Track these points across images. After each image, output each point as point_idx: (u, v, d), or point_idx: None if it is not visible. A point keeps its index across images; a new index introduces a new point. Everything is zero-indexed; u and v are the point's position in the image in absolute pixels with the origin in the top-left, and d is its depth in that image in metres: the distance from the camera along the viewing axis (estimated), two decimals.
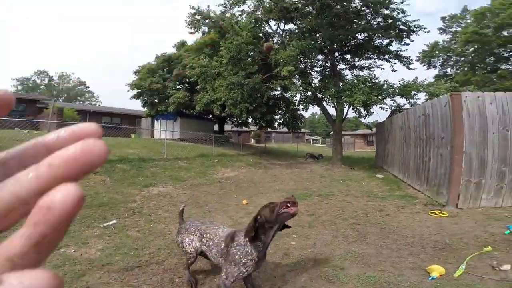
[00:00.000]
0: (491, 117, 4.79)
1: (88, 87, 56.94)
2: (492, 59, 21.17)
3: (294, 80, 13.20)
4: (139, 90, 18.82)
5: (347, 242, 3.53)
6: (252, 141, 39.29)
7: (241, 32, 11.87)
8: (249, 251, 1.90)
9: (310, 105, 13.72)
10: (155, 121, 20.16)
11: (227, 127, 40.68)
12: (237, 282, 2.08)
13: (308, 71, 13.83)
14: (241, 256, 1.90)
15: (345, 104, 11.53)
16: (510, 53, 20.05)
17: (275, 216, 1.87)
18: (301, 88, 12.19)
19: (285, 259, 3.03)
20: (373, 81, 11.36)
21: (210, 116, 23.50)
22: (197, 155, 11.97)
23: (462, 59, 22.76)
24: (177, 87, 19.32)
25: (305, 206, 5.41)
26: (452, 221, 4.15)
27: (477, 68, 21.55)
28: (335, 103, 12.05)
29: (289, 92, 13.10)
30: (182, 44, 20.72)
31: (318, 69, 14.52)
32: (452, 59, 23.63)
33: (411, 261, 2.89)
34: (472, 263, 2.66)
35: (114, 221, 4.19)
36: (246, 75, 13.13)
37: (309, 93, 12.60)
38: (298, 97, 13.43)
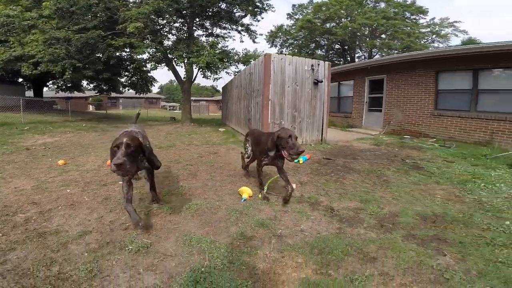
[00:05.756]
0: (288, 75, 6.35)
1: None
2: (313, 45, 28.12)
3: (145, 40, 12.25)
4: None
5: (177, 181, 3.75)
6: (91, 107, 32.56)
7: None
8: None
9: (158, 64, 13.26)
10: None
11: (50, 93, 31.97)
12: None
13: (163, 33, 13.30)
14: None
15: (194, 65, 11.84)
16: (325, 42, 27.20)
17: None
18: (150, 47, 11.74)
19: (107, 204, 2.88)
20: (223, 48, 12.70)
21: (21, 80, 17.79)
22: None
23: (295, 42, 28.65)
24: None
25: None
26: None
27: (302, 51, 28.04)
28: (184, 64, 12.22)
29: (135, 50, 11.83)
30: None
31: (174, 31, 14.24)
32: (288, 41, 29.24)
33: (229, 188, 3.46)
34: (272, 185, 3.55)
35: None
36: (78, 30, 11.18)
37: (158, 53, 12.29)
38: (145, 55, 12.94)
